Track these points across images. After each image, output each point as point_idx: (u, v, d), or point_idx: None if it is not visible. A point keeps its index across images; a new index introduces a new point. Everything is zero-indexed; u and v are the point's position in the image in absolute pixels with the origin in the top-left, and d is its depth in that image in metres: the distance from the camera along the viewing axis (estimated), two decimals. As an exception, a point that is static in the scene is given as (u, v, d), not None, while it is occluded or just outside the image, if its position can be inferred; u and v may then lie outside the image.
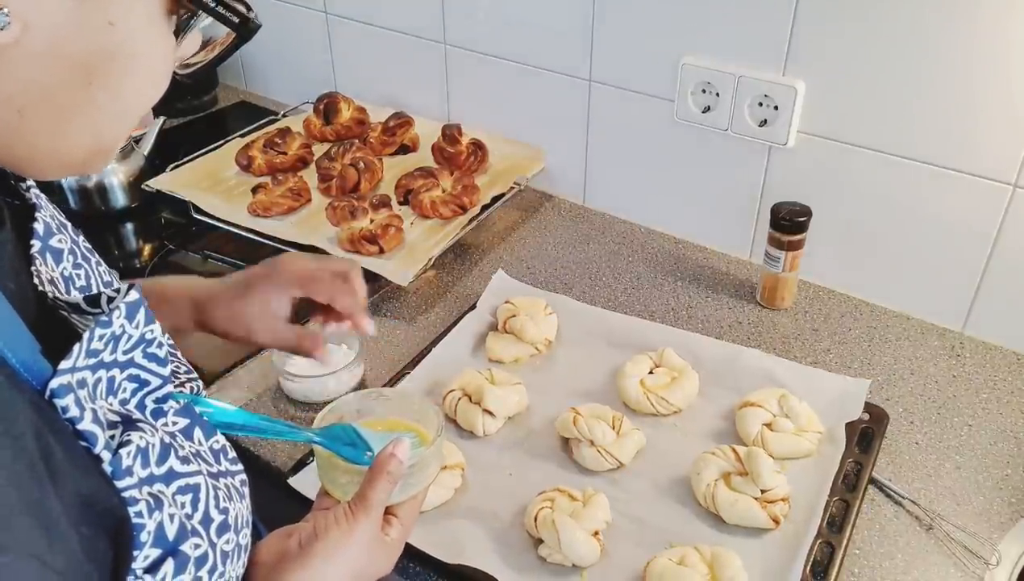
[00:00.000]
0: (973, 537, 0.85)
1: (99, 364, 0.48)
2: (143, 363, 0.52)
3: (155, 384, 0.52)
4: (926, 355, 1.09)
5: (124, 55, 0.45)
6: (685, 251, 1.30)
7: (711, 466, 0.88)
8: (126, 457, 0.47)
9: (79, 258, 0.59)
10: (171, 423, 0.54)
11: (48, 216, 0.57)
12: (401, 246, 1.22)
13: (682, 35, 1.18)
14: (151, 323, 0.52)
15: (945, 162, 1.05)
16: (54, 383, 0.44)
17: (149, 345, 0.52)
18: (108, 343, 0.48)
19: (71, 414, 0.45)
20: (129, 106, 0.49)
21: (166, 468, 0.50)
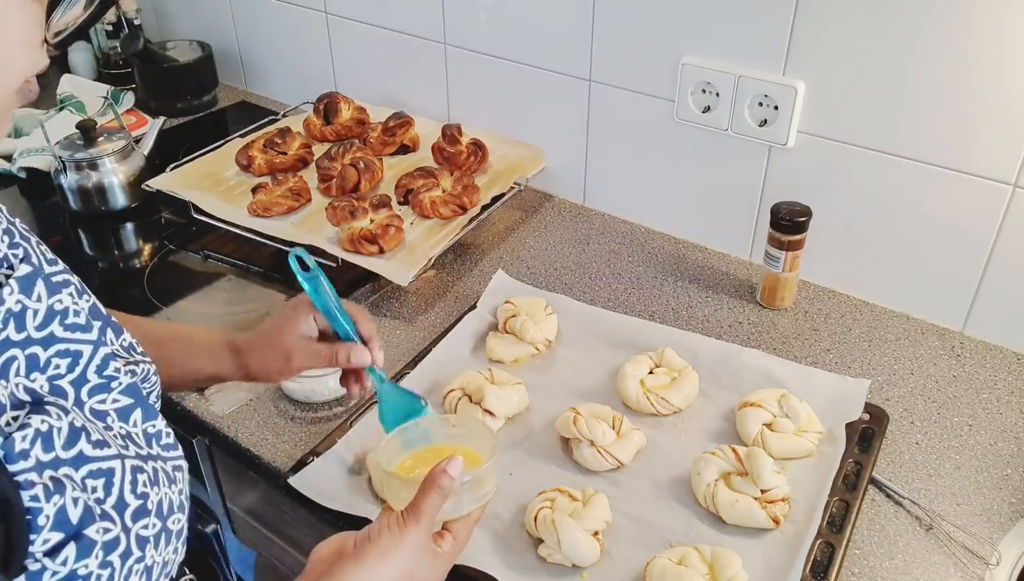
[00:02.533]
0: (973, 537, 0.85)
1: (7, 343, 0.48)
2: (67, 336, 0.51)
3: (88, 352, 0.52)
4: (926, 355, 1.09)
5: None
6: (685, 251, 1.30)
7: (711, 466, 0.88)
8: (20, 441, 0.46)
9: (17, 237, 0.57)
10: (111, 400, 0.54)
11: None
12: (401, 246, 1.22)
13: (682, 35, 1.18)
14: (56, 293, 0.51)
15: (945, 162, 1.05)
16: None
17: (64, 316, 0.51)
18: (8, 321, 0.48)
19: None
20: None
21: (75, 452, 0.49)
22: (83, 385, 0.53)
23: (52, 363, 0.50)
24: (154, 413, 0.57)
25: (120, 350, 0.62)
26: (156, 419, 0.57)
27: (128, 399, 0.55)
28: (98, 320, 0.58)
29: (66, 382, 0.51)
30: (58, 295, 0.51)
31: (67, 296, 0.52)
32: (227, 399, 1.03)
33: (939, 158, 1.05)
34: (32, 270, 0.50)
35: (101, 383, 0.53)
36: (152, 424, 0.56)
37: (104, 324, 0.59)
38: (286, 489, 0.89)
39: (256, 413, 1.01)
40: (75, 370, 0.52)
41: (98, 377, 0.53)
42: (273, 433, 0.98)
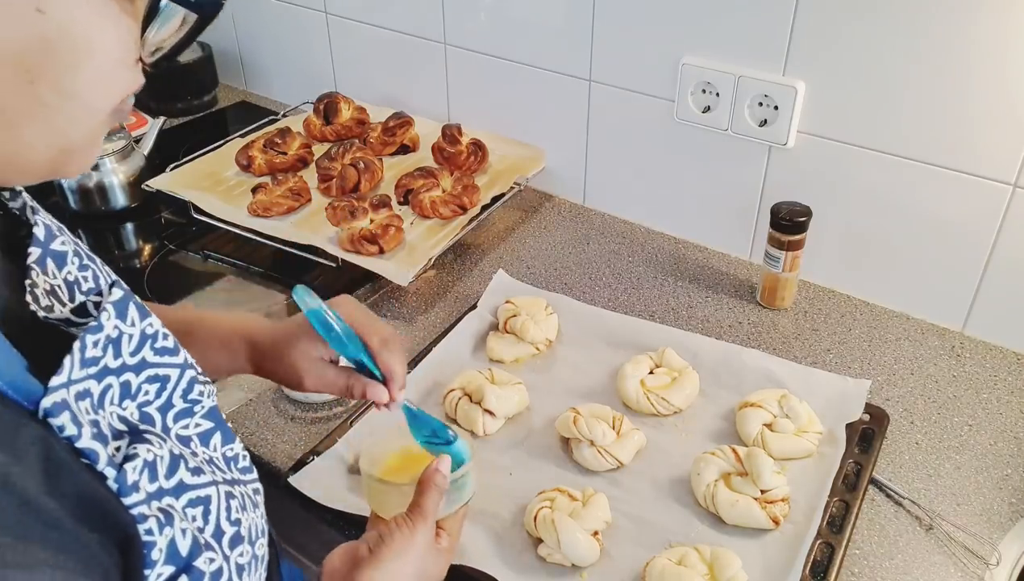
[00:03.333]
0: (973, 537, 0.85)
1: (104, 371, 0.46)
2: (157, 360, 0.50)
3: (175, 376, 0.51)
4: (926, 355, 1.09)
5: (63, 46, 0.40)
6: (685, 251, 1.30)
7: (711, 466, 0.88)
8: (132, 472, 0.45)
9: (85, 259, 0.56)
10: (193, 425, 0.52)
11: (47, 218, 0.55)
12: (401, 246, 1.22)
13: (682, 35, 1.18)
14: (147, 317, 0.50)
15: (945, 162, 1.05)
16: (46, 402, 0.42)
17: (155, 340, 0.50)
18: (106, 348, 0.46)
19: (68, 432, 0.42)
20: (89, 102, 0.43)
21: (176, 480, 0.48)
22: (169, 410, 0.51)
23: (142, 389, 0.49)
24: (232, 436, 0.55)
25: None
26: (234, 442, 0.56)
27: (209, 423, 0.53)
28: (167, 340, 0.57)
29: (153, 408, 0.50)
30: (148, 319, 0.49)
31: (156, 319, 0.50)
32: (227, 399, 1.03)
33: (939, 158, 1.05)
34: (124, 294, 0.48)
35: (185, 407, 0.52)
36: (230, 447, 0.55)
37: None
38: (286, 488, 0.89)
39: (256, 413, 1.01)
40: (162, 395, 0.50)
41: (183, 401, 0.52)
42: (273, 433, 0.98)
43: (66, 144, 0.44)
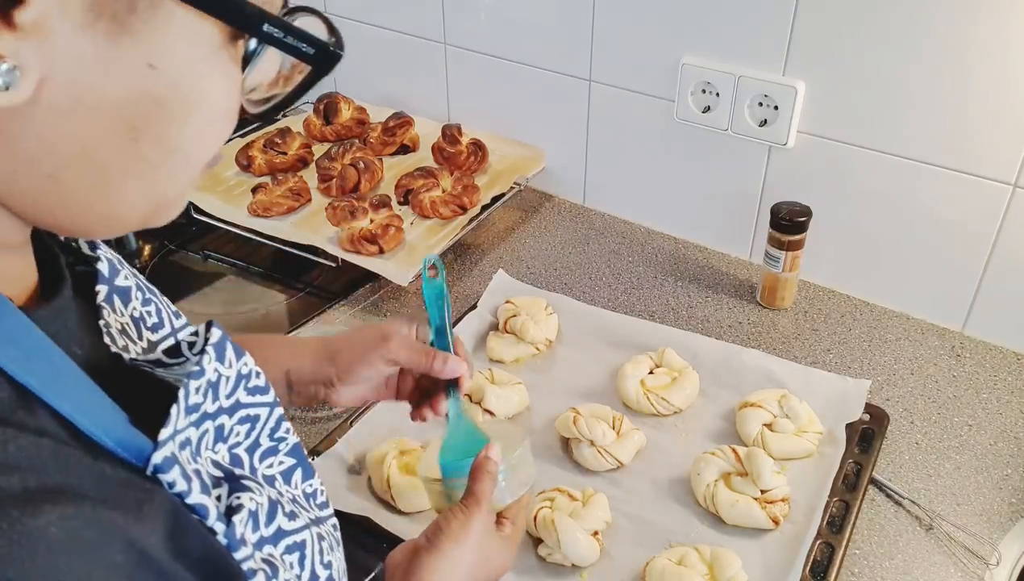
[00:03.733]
0: (973, 537, 0.85)
1: (203, 417, 0.44)
2: (249, 400, 0.48)
3: (264, 415, 0.49)
4: (926, 355, 1.09)
5: (173, 102, 0.37)
6: (685, 251, 1.30)
7: (711, 466, 0.88)
8: (239, 525, 0.43)
9: (147, 293, 0.54)
10: (277, 463, 0.51)
11: (109, 253, 0.52)
12: (401, 246, 1.22)
13: (682, 35, 1.18)
14: (242, 356, 0.47)
15: (945, 162, 1.05)
16: (157, 458, 0.39)
17: (248, 379, 0.47)
18: (207, 393, 0.44)
19: (178, 488, 0.40)
20: (189, 156, 0.41)
21: (275, 527, 0.46)
22: (256, 450, 0.49)
23: (234, 431, 0.47)
24: (311, 471, 0.54)
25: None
26: (313, 477, 0.54)
27: (292, 460, 0.52)
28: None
29: (242, 449, 0.48)
30: (244, 358, 0.47)
31: (250, 358, 0.48)
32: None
33: (939, 158, 1.05)
34: (222, 334, 0.45)
35: (271, 446, 0.50)
36: (310, 483, 0.54)
37: None
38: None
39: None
40: (251, 436, 0.48)
41: (269, 440, 0.50)
42: (273, 433, 0.98)
43: (163, 198, 0.42)
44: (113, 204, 0.40)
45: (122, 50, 0.35)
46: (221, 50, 0.38)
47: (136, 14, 0.34)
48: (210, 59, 0.38)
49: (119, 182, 0.39)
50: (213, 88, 0.39)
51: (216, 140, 0.41)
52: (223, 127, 0.41)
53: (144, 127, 0.37)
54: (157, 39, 0.35)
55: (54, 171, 0.37)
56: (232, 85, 0.40)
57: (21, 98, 0.33)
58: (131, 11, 0.34)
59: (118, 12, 0.34)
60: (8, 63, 0.32)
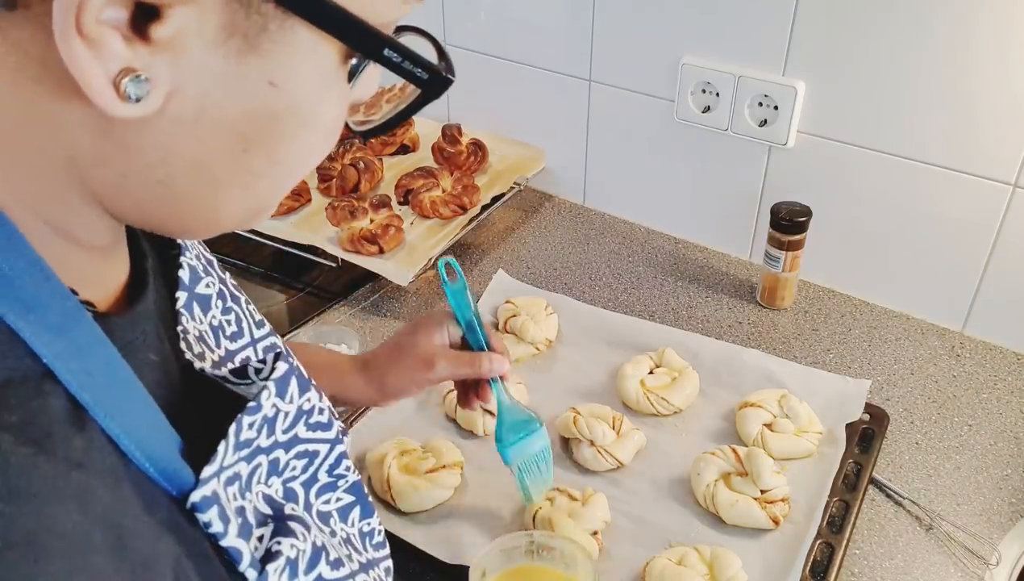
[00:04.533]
0: (973, 537, 0.85)
1: (256, 452, 0.44)
2: (309, 436, 0.47)
3: (324, 451, 0.48)
4: (926, 355, 1.09)
5: (289, 118, 0.38)
6: (685, 251, 1.30)
7: (711, 466, 0.88)
8: (273, 574, 0.42)
9: (228, 301, 0.53)
10: (335, 500, 0.50)
11: (194, 257, 0.52)
12: (401, 246, 1.22)
13: (682, 35, 1.18)
14: (307, 391, 0.47)
15: (945, 162, 1.05)
16: (196, 496, 0.39)
17: (310, 415, 0.47)
18: (261, 428, 0.44)
19: (214, 529, 0.39)
20: (292, 170, 0.41)
21: (314, 576, 0.45)
22: (313, 485, 0.49)
23: (290, 465, 0.47)
24: (371, 510, 0.53)
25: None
26: (372, 517, 0.53)
27: (350, 497, 0.51)
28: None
29: (298, 484, 0.48)
30: (307, 394, 0.46)
31: (314, 392, 0.47)
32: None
33: (939, 158, 1.05)
34: (288, 368, 0.45)
35: (330, 482, 0.50)
36: (368, 522, 0.53)
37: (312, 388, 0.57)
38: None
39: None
40: (308, 470, 0.48)
41: (328, 476, 0.50)
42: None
43: (261, 206, 0.43)
44: (216, 210, 0.40)
45: (248, 68, 0.35)
46: (339, 69, 0.39)
47: (266, 33, 0.35)
48: (327, 78, 0.38)
49: (225, 191, 0.39)
50: (327, 106, 0.39)
51: (319, 154, 0.42)
52: (329, 143, 0.42)
53: (257, 141, 0.38)
54: (282, 58, 0.36)
55: (166, 178, 0.37)
56: (343, 103, 0.41)
57: (149, 110, 0.34)
58: (262, 31, 0.34)
59: (249, 32, 0.34)
60: (142, 75, 0.33)
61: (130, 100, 0.33)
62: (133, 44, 0.32)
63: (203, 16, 0.33)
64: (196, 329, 0.49)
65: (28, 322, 0.35)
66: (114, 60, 0.32)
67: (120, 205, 0.39)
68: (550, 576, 0.71)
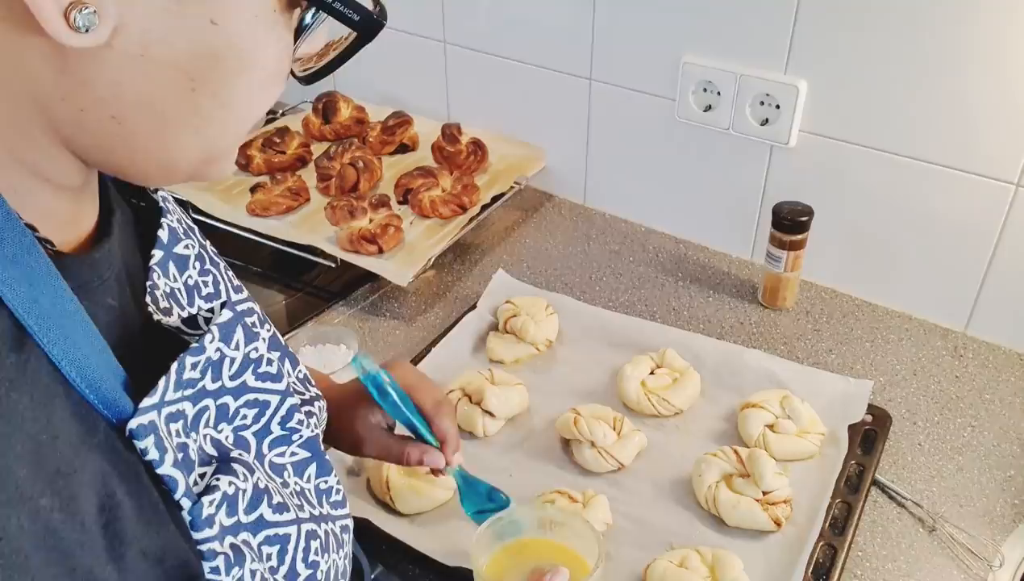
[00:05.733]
0: (976, 539, 0.84)
1: (201, 393, 0.46)
2: (257, 385, 0.49)
3: (275, 403, 0.50)
4: (929, 355, 1.08)
5: (230, 58, 0.40)
6: (686, 251, 1.29)
7: (713, 467, 0.87)
8: (208, 506, 0.44)
9: (207, 263, 0.55)
10: (289, 454, 0.51)
11: (175, 220, 0.54)
12: (400, 246, 1.22)
13: (683, 34, 1.18)
14: (253, 341, 0.49)
15: (947, 161, 1.04)
16: (133, 423, 0.41)
17: (258, 365, 0.49)
18: (206, 370, 0.46)
19: (150, 456, 0.42)
20: (239, 113, 0.44)
21: (255, 516, 0.46)
22: (266, 437, 0.50)
23: (240, 413, 0.48)
24: (328, 468, 0.55)
25: (296, 382, 0.59)
26: (329, 475, 0.55)
27: (306, 452, 0.53)
28: (277, 351, 0.55)
29: (250, 433, 0.49)
30: (254, 343, 0.49)
31: (262, 343, 0.50)
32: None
33: (941, 157, 1.05)
34: (233, 316, 0.48)
35: (283, 435, 0.51)
36: (325, 480, 0.54)
37: (282, 354, 0.56)
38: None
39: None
40: (260, 421, 0.50)
41: (281, 429, 0.51)
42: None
43: (213, 151, 0.44)
44: (169, 151, 0.43)
45: (189, 5, 0.38)
46: (277, 14, 0.41)
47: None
48: (267, 22, 0.41)
49: (176, 130, 0.42)
50: (267, 49, 0.42)
51: (264, 100, 0.44)
52: (272, 89, 0.44)
53: (201, 80, 0.40)
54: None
55: (118, 113, 0.40)
56: (284, 50, 0.43)
57: (97, 42, 0.36)
58: None
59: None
60: (90, 8, 0.35)
61: (79, 30, 0.35)
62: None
63: None
64: (168, 286, 0.51)
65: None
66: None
67: (81, 143, 0.41)
68: (558, 550, 0.70)
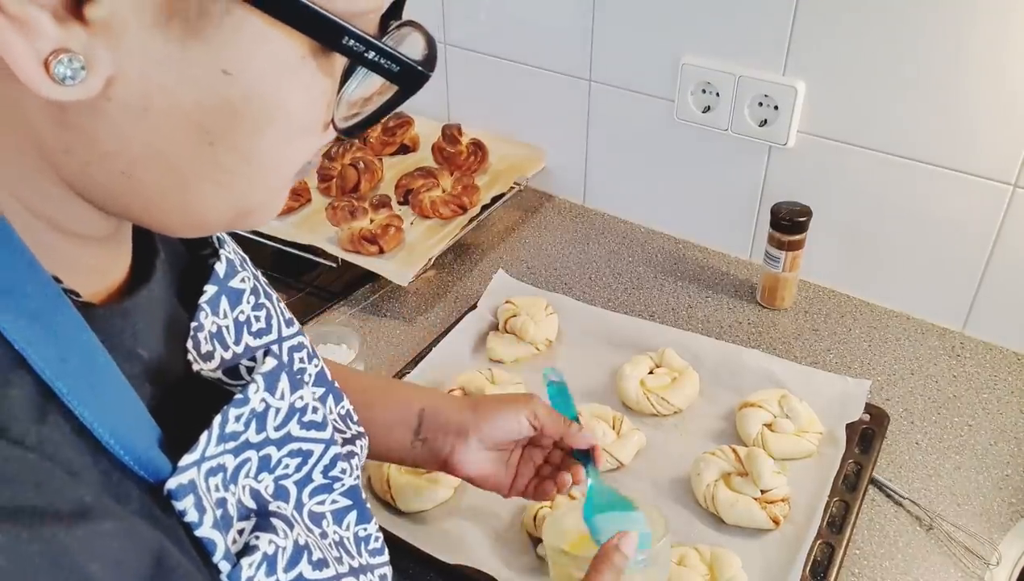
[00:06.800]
0: (973, 537, 0.85)
1: (244, 445, 0.43)
2: (302, 434, 0.47)
3: (319, 451, 0.48)
4: (926, 355, 1.09)
5: (249, 110, 0.36)
6: (685, 251, 1.30)
7: (711, 466, 0.88)
8: (247, 568, 0.41)
9: (261, 296, 0.52)
10: (330, 502, 0.50)
11: (232, 250, 0.51)
12: (401, 246, 1.22)
13: (682, 35, 1.18)
14: (298, 389, 0.46)
15: (945, 162, 1.05)
16: (172, 483, 0.38)
17: (303, 414, 0.47)
18: (250, 422, 0.43)
19: (189, 518, 0.39)
20: (269, 166, 0.39)
21: (295, 574, 0.44)
22: (307, 485, 0.49)
23: (282, 463, 0.46)
24: (368, 516, 0.53)
25: (338, 419, 0.58)
26: (369, 522, 0.53)
27: (347, 500, 0.51)
28: (322, 386, 0.53)
29: (290, 482, 0.47)
30: (300, 391, 0.46)
31: (307, 390, 0.47)
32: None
33: (939, 158, 1.05)
34: (277, 364, 0.45)
35: (324, 484, 0.49)
36: (364, 527, 0.52)
37: (327, 390, 0.55)
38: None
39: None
40: (302, 470, 0.48)
41: (323, 477, 0.49)
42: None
43: (244, 205, 0.40)
44: (190, 206, 0.39)
45: (194, 53, 0.33)
46: (306, 60, 0.36)
47: (207, 18, 0.33)
48: (293, 69, 0.36)
49: (196, 186, 0.38)
50: (293, 100, 0.37)
51: (299, 153, 0.40)
52: (306, 140, 0.39)
53: (219, 133, 0.36)
54: (231, 46, 0.34)
55: (128, 168, 0.36)
56: (317, 97, 0.38)
57: (89, 93, 0.33)
58: (201, 15, 0.33)
59: (189, 15, 0.33)
60: (75, 57, 0.32)
61: (63, 82, 0.32)
62: (67, 24, 0.31)
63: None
64: (215, 324, 0.48)
65: (3, 309, 0.35)
66: (44, 40, 0.31)
67: (94, 195, 0.38)
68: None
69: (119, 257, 0.44)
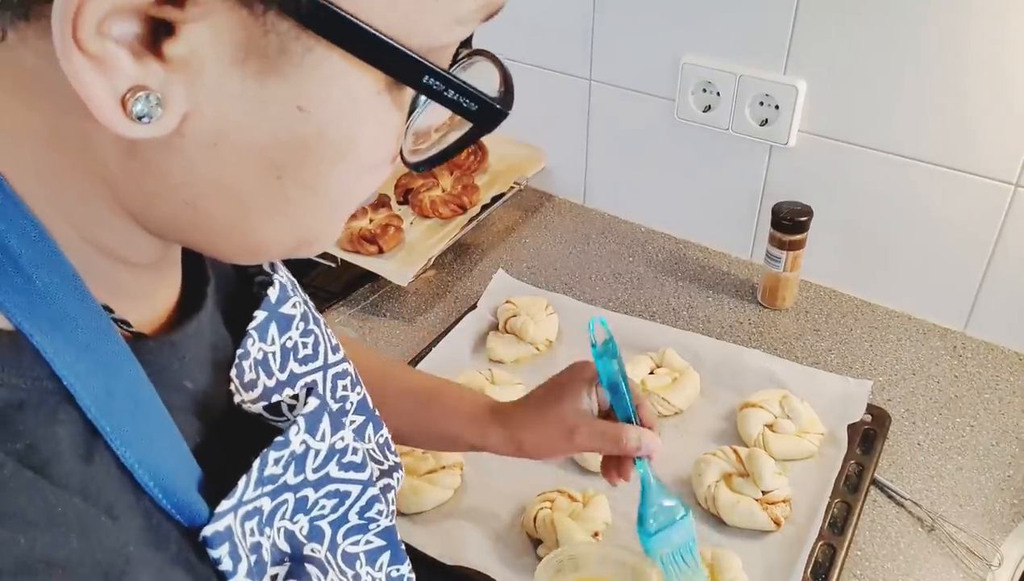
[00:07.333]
0: (975, 538, 0.85)
1: (282, 488, 0.43)
2: (340, 476, 0.46)
3: (356, 492, 0.48)
4: (928, 355, 1.09)
5: (321, 146, 0.35)
6: (686, 251, 1.30)
7: (712, 467, 0.87)
8: None
9: (311, 322, 0.51)
10: (364, 542, 0.50)
11: (284, 275, 0.50)
12: (400, 246, 1.22)
13: (683, 34, 1.18)
14: (339, 430, 0.46)
15: (946, 162, 1.05)
16: (208, 531, 0.37)
17: (343, 455, 0.46)
18: (289, 464, 0.42)
19: (223, 567, 0.38)
20: (336, 199, 0.38)
21: None
22: (342, 525, 0.48)
23: (319, 504, 0.46)
24: (402, 557, 0.53)
25: (375, 450, 0.57)
26: (402, 564, 0.53)
27: (381, 541, 0.50)
28: (363, 414, 0.53)
29: (326, 522, 0.47)
30: (340, 432, 0.46)
31: (349, 433, 0.47)
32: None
33: (940, 158, 1.05)
34: (319, 404, 0.44)
35: (360, 524, 0.49)
36: (397, 568, 0.52)
37: (367, 418, 0.54)
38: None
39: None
40: (339, 511, 0.47)
41: (359, 518, 0.49)
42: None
43: (306, 236, 0.40)
44: (254, 236, 0.38)
45: (270, 90, 0.33)
46: (381, 96, 0.35)
47: (287, 56, 0.32)
48: (366, 105, 0.35)
49: (259, 217, 0.37)
50: (365, 136, 0.36)
51: (365, 187, 0.39)
52: (374, 175, 0.39)
53: (289, 168, 0.35)
54: (308, 83, 0.33)
55: (193, 199, 0.36)
56: (389, 132, 0.37)
57: (164, 130, 0.32)
58: (282, 52, 0.32)
59: (268, 53, 0.32)
60: (152, 94, 0.31)
61: (140, 120, 0.31)
62: (145, 61, 0.31)
63: (218, 34, 0.31)
64: (261, 351, 0.46)
65: (54, 340, 0.34)
66: (122, 78, 0.30)
67: (155, 224, 0.38)
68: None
69: (169, 282, 0.44)
